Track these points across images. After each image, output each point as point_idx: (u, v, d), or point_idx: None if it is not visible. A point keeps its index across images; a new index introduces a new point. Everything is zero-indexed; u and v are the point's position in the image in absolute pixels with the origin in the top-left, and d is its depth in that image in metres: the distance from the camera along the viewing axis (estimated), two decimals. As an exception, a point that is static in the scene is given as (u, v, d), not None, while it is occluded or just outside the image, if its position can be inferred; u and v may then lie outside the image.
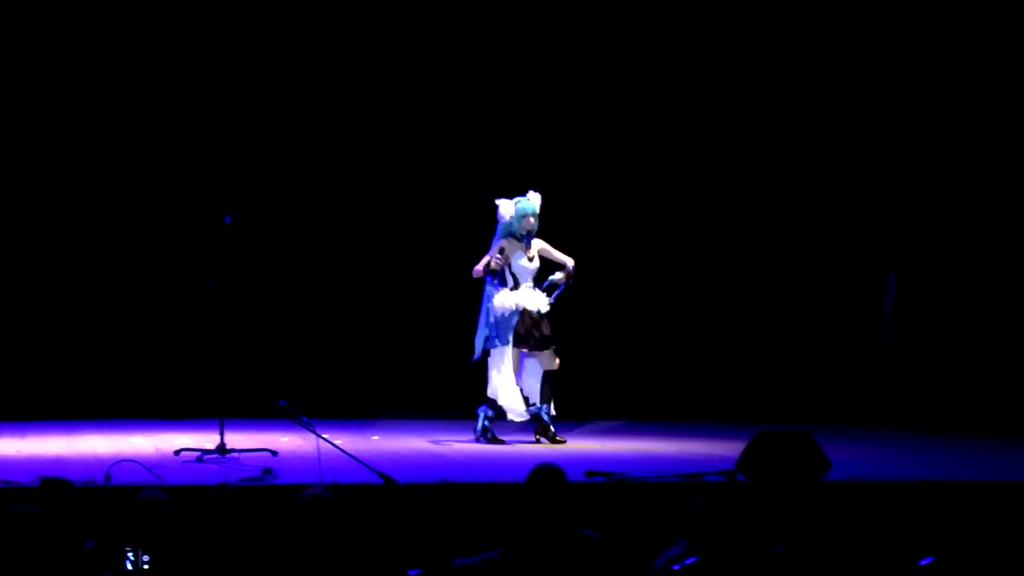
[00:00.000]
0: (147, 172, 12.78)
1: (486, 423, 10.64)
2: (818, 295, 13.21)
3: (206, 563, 5.51)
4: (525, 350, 10.60)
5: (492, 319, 10.60)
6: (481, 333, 10.71)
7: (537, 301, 10.64)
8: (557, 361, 10.65)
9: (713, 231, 13.36)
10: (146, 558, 5.40)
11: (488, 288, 10.69)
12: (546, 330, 10.62)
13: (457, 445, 10.60)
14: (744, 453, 8.74)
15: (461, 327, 12.95)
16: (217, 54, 12.82)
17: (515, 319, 10.55)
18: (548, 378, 10.64)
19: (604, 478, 8.18)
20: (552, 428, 10.61)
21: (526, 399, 10.64)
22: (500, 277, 10.67)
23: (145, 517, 5.48)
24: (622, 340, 13.27)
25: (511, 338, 10.56)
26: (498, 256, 10.52)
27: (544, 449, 10.38)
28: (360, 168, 13.15)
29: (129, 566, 5.37)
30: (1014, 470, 9.46)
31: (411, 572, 5.95)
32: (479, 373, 12.63)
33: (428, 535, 7.50)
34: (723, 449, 10.18)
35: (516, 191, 10.79)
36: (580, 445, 10.59)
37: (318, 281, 13.03)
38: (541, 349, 10.61)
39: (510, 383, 10.60)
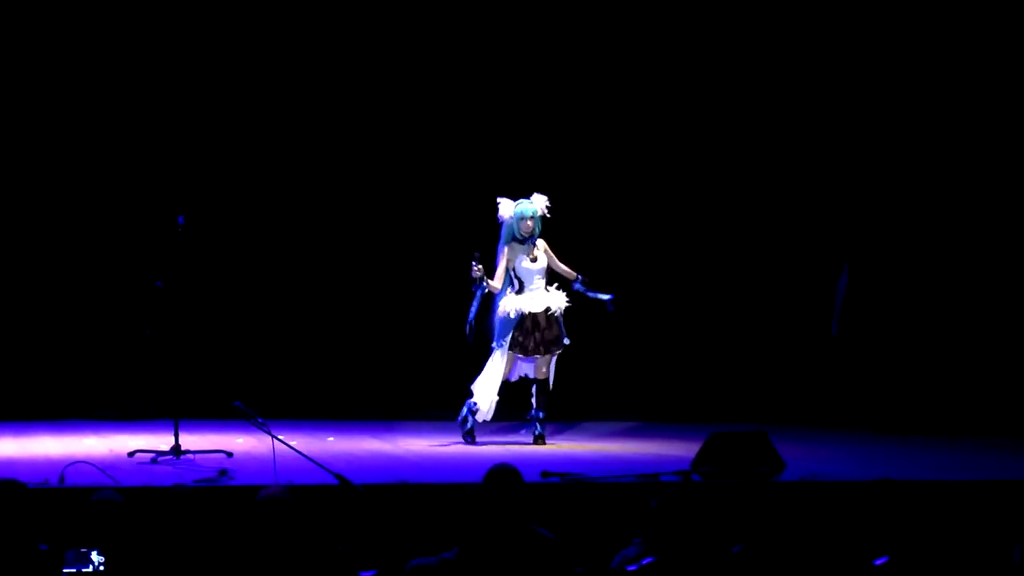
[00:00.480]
0: (99, 172, 12.68)
1: (468, 415, 10.62)
2: (770, 293, 13.23)
3: (161, 565, 5.48)
4: (520, 355, 10.58)
5: (496, 320, 10.61)
6: (472, 316, 10.69)
7: (548, 301, 10.61)
8: (546, 371, 10.58)
9: (660, 230, 13.34)
10: (101, 559, 5.37)
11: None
12: (550, 334, 10.54)
13: (413, 446, 10.58)
14: (699, 453, 8.77)
15: (419, 328, 12.98)
16: (171, 53, 12.73)
17: (514, 324, 10.53)
18: (540, 386, 10.62)
19: (560, 478, 8.19)
20: (540, 433, 10.59)
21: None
22: (508, 280, 10.65)
23: (100, 519, 5.45)
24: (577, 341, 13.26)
25: (507, 342, 10.55)
26: (476, 269, 10.46)
27: (501, 450, 10.38)
28: (314, 168, 13.09)
29: (78, 568, 5.34)
30: (968, 469, 9.53)
31: (367, 573, 5.95)
32: (439, 374, 12.65)
33: (384, 536, 7.49)
34: (678, 449, 10.20)
35: (499, 191, 10.80)
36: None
37: (273, 281, 12.97)
38: (537, 355, 10.57)
39: (491, 384, 10.60)
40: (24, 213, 12.58)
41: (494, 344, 10.65)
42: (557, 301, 10.65)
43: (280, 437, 8.36)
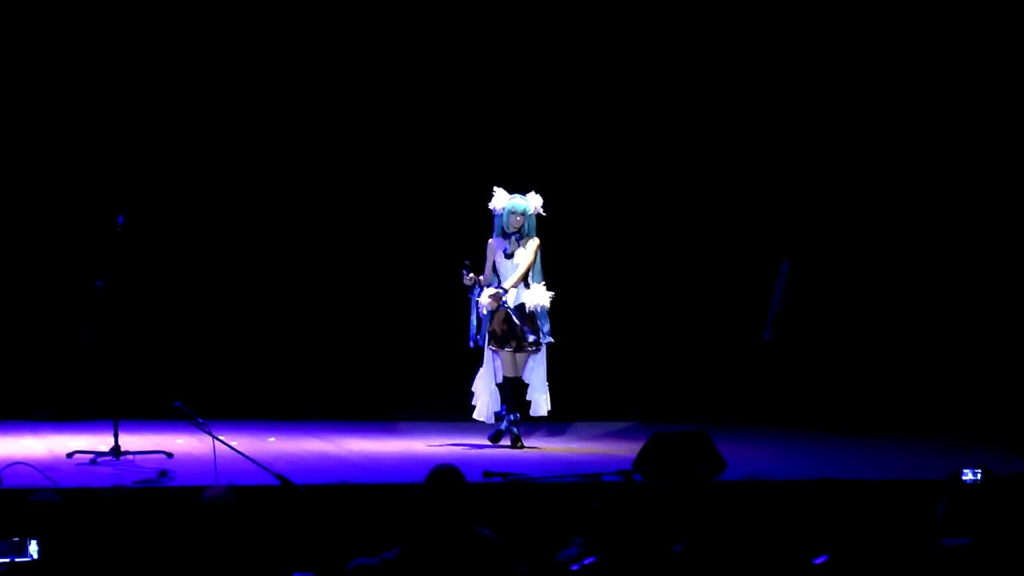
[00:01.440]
0: (38, 169, 12.56)
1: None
2: (708, 291, 13.27)
3: (101, 566, 5.45)
4: (493, 347, 10.57)
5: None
6: (473, 323, 10.67)
7: (523, 297, 10.56)
8: (515, 369, 10.51)
9: (597, 224, 13.35)
10: (37, 548, 5.31)
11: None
12: (519, 331, 10.47)
13: (355, 447, 10.56)
14: (641, 453, 8.80)
15: (361, 327, 12.95)
16: (111, 48, 12.63)
17: (488, 319, 10.51)
18: (511, 385, 10.56)
19: (502, 479, 8.20)
20: (514, 432, 10.51)
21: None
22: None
23: (38, 520, 5.41)
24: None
25: (485, 337, 10.56)
26: (468, 278, 10.45)
27: (445, 451, 10.38)
28: (253, 166, 13.01)
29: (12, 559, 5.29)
30: (906, 468, 9.61)
31: (308, 574, 5.94)
32: (382, 374, 12.63)
33: (325, 536, 7.48)
34: (620, 449, 10.24)
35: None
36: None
37: (213, 281, 12.90)
38: (502, 348, 10.53)
39: (482, 383, 10.60)
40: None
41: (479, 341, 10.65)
42: (533, 298, 10.62)
43: (221, 438, 8.32)
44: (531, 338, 10.46)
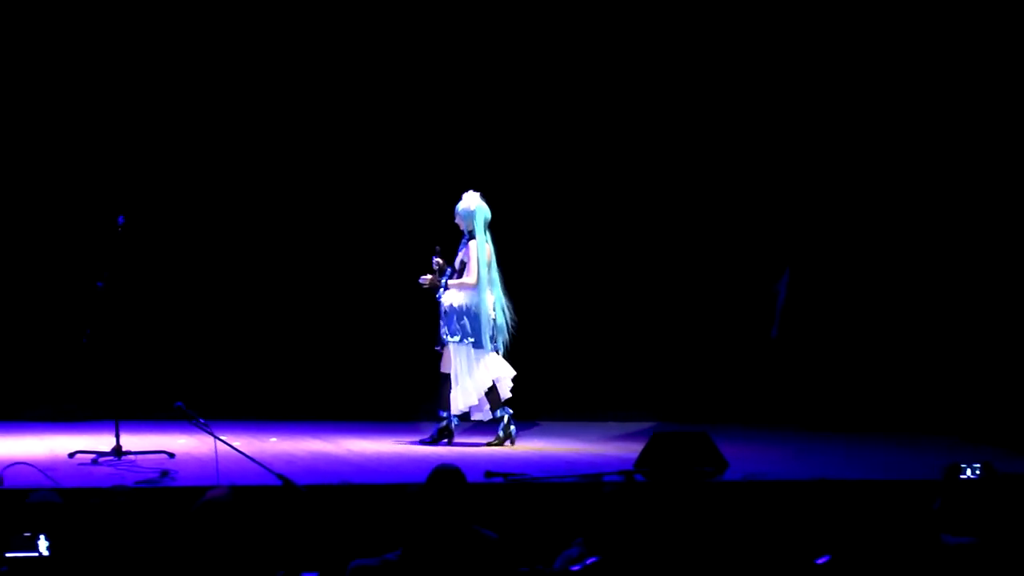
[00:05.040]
0: (39, 170, 12.57)
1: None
2: (710, 292, 13.28)
3: (102, 566, 5.44)
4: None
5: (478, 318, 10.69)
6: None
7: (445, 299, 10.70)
8: (444, 365, 10.69)
9: (604, 225, 13.37)
10: (47, 543, 5.32)
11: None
12: (440, 330, 10.68)
13: (356, 447, 10.56)
14: (642, 453, 8.79)
15: (362, 328, 12.95)
16: (110, 50, 12.64)
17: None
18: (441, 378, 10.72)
19: (503, 479, 8.19)
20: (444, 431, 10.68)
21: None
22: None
23: (37, 520, 5.40)
24: (539, 341, 13.26)
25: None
26: (434, 259, 10.59)
27: (445, 451, 10.38)
28: (252, 168, 13.02)
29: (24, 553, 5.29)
30: (908, 469, 9.60)
31: (309, 574, 5.93)
32: (382, 375, 12.63)
33: (326, 537, 7.47)
34: (621, 449, 10.23)
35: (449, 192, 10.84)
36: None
37: (214, 281, 12.91)
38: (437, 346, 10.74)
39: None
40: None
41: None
42: (446, 299, 10.74)
43: (222, 438, 8.31)
44: (443, 338, 10.63)
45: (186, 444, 10.06)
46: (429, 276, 10.74)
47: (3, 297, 12.53)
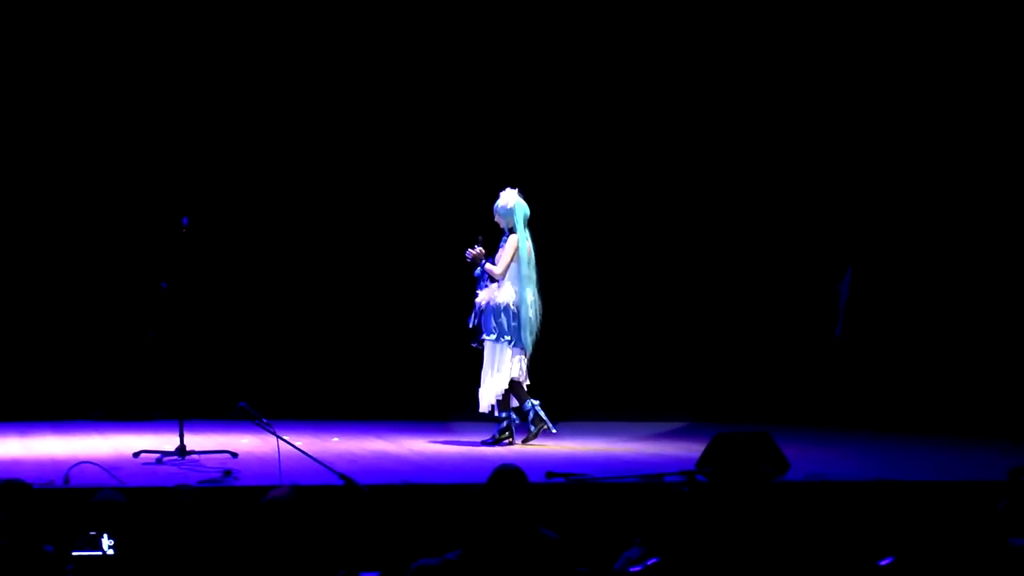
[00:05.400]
0: (105, 173, 12.70)
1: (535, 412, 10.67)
2: (772, 293, 13.23)
3: (165, 566, 5.48)
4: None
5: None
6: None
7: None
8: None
9: (665, 229, 13.35)
10: (111, 542, 5.37)
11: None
12: (477, 327, 10.72)
13: (418, 447, 10.59)
14: (703, 454, 8.76)
15: (424, 328, 12.98)
16: (176, 56, 12.75)
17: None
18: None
19: (565, 479, 8.18)
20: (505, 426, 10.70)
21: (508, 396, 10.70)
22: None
23: (102, 519, 5.45)
24: (579, 339, 13.26)
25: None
26: (476, 248, 10.65)
27: (506, 451, 10.39)
28: (319, 168, 13.11)
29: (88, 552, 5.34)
30: (971, 470, 9.51)
31: (371, 574, 5.95)
32: (444, 375, 12.66)
33: (388, 537, 7.49)
34: (683, 450, 10.20)
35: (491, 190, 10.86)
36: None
37: (278, 282, 12.99)
38: (473, 343, 10.80)
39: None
40: (31, 215, 12.60)
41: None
42: (483, 296, 10.74)
43: (285, 438, 8.36)
44: (481, 335, 10.62)
45: (249, 444, 10.12)
46: (478, 249, 10.69)
47: (70, 298, 12.65)
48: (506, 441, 10.63)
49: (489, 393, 10.62)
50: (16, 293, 12.60)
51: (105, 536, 5.38)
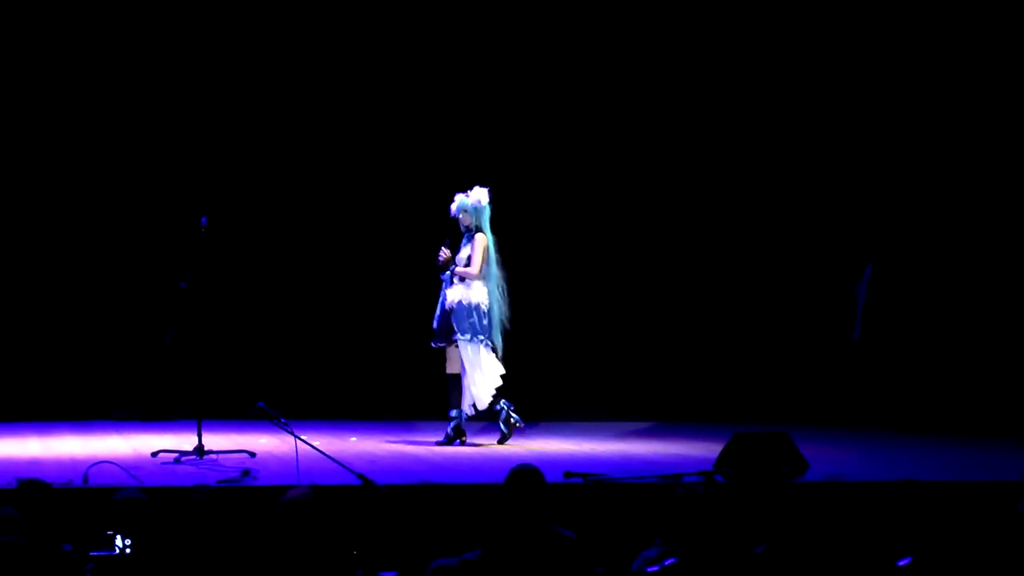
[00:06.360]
0: (123, 173, 12.74)
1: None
2: (790, 294, 13.22)
3: (184, 564, 5.49)
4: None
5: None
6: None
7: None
8: (448, 365, 10.70)
9: (683, 230, 13.35)
10: (126, 541, 5.39)
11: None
12: (447, 327, 10.66)
13: (436, 447, 10.59)
14: (722, 454, 8.75)
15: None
16: (194, 58, 12.78)
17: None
18: (449, 378, 10.73)
19: (582, 479, 8.18)
20: (458, 428, 10.66)
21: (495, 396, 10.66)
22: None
23: (122, 518, 5.46)
24: (598, 339, 13.26)
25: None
26: (443, 250, 10.60)
27: (524, 450, 10.39)
28: (336, 171, 13.12)
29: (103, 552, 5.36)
30: (991, 470, 9.49)
31: (389, 573, 5.95)
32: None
33: (406, 536, 7.50)
34: (701, 450, 10.19)
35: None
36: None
37: (296, 282, 13.01)
38: (443, 343, 10.75)
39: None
40: (48, 215, 12.64)
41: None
42: (452, 295, 10.68)
43: (303, 437, 8.37)
44: (454, 336, 10.58)
45: (267, 444, 10.13)
46: (447, 252, 10.67)
47: (89, 299, 12.69)
48: (458, 442, 10.59)
49: (485, 391, 10.60)
50: (35, 294, 12.63)
51: (119, 536, 5.39)
